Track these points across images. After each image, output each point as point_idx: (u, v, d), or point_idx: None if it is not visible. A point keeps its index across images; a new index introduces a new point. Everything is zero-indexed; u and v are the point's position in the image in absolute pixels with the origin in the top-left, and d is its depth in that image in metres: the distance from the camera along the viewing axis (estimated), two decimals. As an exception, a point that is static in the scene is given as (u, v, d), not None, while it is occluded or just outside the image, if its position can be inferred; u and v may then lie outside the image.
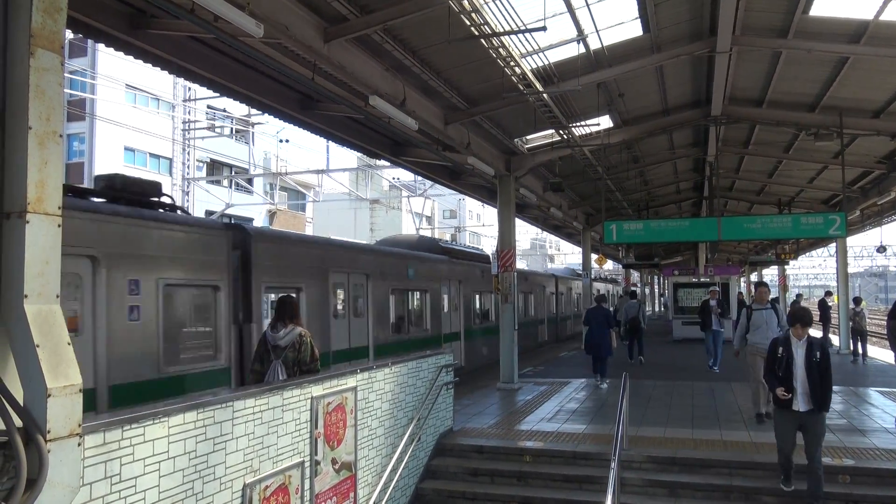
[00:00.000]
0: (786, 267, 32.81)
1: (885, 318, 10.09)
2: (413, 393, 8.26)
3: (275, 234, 11.13)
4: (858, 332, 18.03)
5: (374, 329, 12.54)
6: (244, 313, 9.01)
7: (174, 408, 4.52)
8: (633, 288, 28.64)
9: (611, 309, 18.02)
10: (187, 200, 31.00)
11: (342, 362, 10.96)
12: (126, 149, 31.97)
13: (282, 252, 9.96)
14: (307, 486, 5.90)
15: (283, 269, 9.89)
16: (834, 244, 26.06)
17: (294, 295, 9.75)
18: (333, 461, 6.36)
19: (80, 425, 3.40)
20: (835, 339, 20.96)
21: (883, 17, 9.01)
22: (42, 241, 3.32)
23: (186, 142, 31.34)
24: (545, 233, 45.88)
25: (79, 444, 3.41)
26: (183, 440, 4.54)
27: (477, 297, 19.22)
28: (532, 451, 8.58)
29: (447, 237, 67.39)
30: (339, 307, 11.55)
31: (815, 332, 6.78)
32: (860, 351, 17.85)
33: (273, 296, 9.26)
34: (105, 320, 6.90)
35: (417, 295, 15.15)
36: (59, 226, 3.40)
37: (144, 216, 7.62)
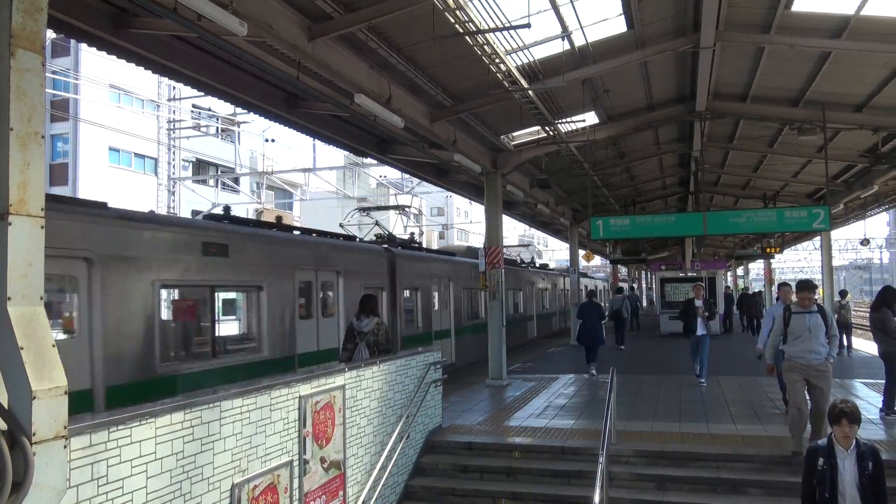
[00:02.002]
0: (771, 261, 33.00)
1: (869, 310, 10.19)
2: (402, 391, 8.27)
3: None
4: (843, 325, 18.19)
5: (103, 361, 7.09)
6: None
7: (161, 408, 4.50)
8: (619, 285, 30.11)
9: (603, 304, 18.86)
10: (173, 200, 30.85)
11: None
12: (111, 149, 31.74)
13: None
14: (296, 485, 5.89)
15: None
16: (819, 237, 26.30)
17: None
18: (322, 460, 6.36)
19: (65, 427, 3.39)
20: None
21: (864, 12, 9.09)
22: (25, 242, 3.29)
23: (172, 141, 31.15)
24: (533, 229, 45.91)
25: (65, 447, 3.39)
26: (170, 441, 4.53)
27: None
28: (521, 447, 8.62)
29: (435, 235, 67.50)
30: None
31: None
32: (845, 343, 18.02)
33: None
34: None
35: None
36: (42, 227, 3.38)
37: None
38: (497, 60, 8.91)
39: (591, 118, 13.68)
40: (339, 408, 6.72)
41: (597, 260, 50.06)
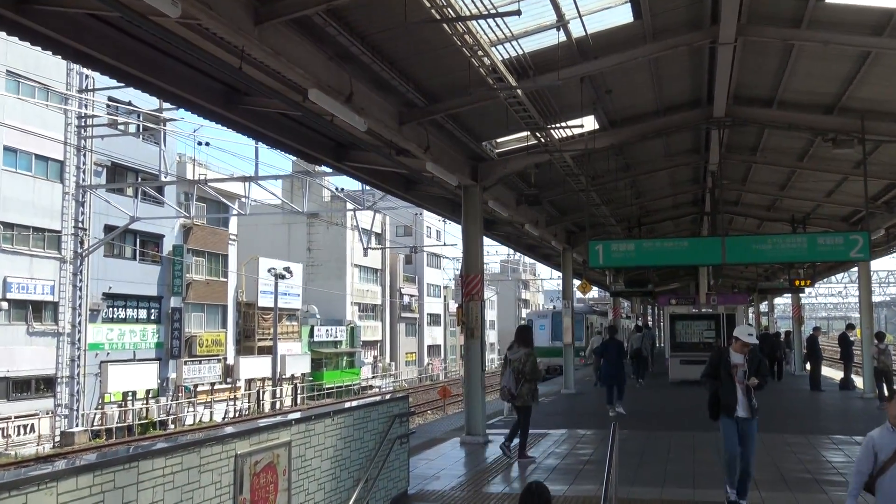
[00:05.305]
0: (801, 295, 33.49)
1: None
2: (360, 448, 8.20)
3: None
4: (883, 372, 18.46)
5: None
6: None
7: (64, 470, 4.40)
8: (638, 323, 34.27)
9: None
10: (82, 213, 30.48)
11: None
12: (6, 149, 31.30)
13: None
14: (229, 565, 5.79)
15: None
16: (856, 269, 26.75)
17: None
18: (262, 534, 6.25)
19: (-55, 494, 3.31)
20: (858, 381, 21.41)
21: (909, 6, 9.34)
22: None
23: (82, 141, 30.85)
24: (518, 254, 46.03)
25: (-56, 518, 3.31)
26: (75, 511, 4.43)
27: None
28: (504, 519, 8.58)
29: (401, 258, 67.50)
30: None
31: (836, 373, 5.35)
32: (886, 393, 18.28)
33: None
34: None
35: None
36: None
37: None
38: (480, 53, 8.99)
39: (589, 123, 13.82)
40: (283, 469, 6.64)
41: (593, 292, 50.40)
